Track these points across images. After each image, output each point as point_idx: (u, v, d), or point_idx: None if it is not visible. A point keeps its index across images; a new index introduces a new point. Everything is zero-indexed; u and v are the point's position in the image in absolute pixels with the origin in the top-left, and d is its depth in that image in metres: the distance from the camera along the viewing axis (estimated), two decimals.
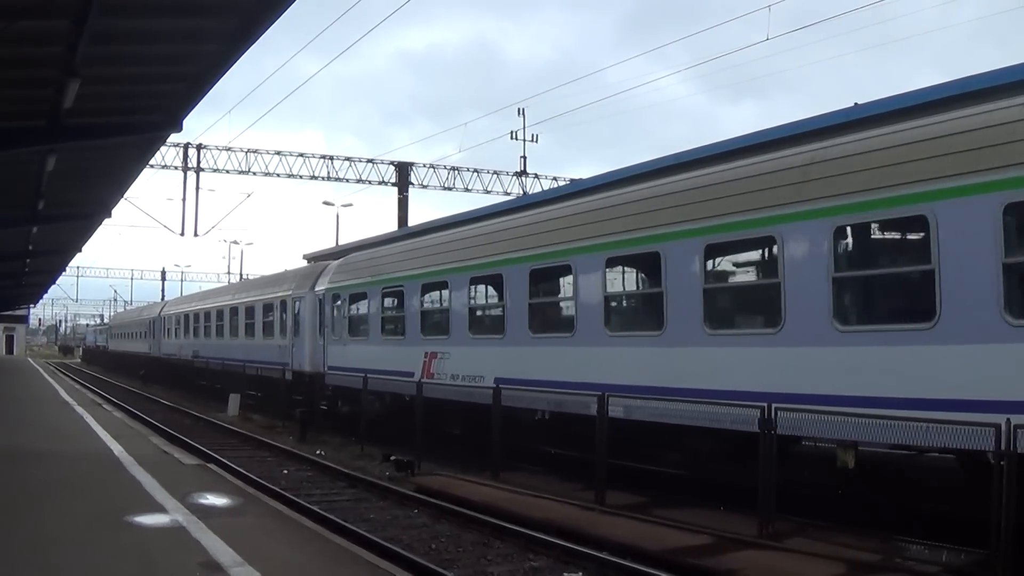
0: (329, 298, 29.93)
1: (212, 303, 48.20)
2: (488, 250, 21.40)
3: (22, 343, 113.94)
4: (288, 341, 34.16)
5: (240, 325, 41.79)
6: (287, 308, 34.48)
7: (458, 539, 14.38)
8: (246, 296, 41.76)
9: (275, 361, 34.83)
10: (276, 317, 36.03)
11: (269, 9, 13.91)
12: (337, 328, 29.34)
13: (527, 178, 53.42)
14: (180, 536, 11.07)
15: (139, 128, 20.40)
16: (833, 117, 18.50)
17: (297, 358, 33.02)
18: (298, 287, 33.60)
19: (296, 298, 33.46)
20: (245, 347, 40.18)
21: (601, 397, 16.10)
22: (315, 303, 31.59)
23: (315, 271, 33.15)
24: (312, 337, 31.75)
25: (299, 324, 33.09)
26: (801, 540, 12.73)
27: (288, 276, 37.13)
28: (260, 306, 38.61)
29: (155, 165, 45.11)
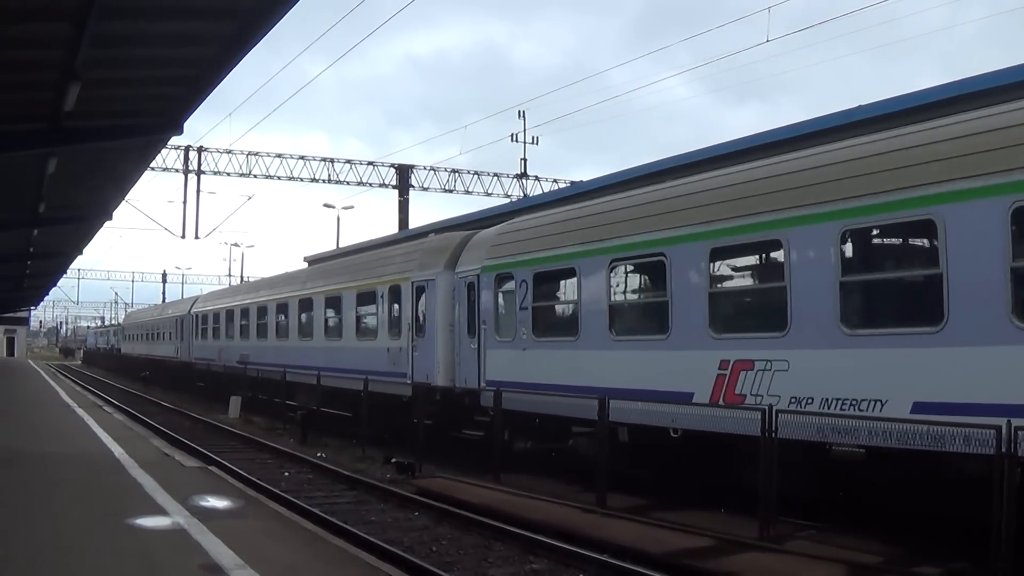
0: (488, 282, 21.19)
1: (270, 295, 37.97)
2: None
3: (23, 345, 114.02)
4: (405, 343, 24.78)
5: (318, 323, 32.11)
6: (402, 297, 25.30)
7: (459, 541, 14.38)
8: (329, 283, 31.42)
9: (378, 370, 25.95)
10: (382, 310, 26.74)
11: (269, 12, 13.91)
12: (508, 325, 20.55)
13: (528, 180, 53.41)
14: (181, 538, 11.07)
15: (140, 131, 20.41)
16: (836, 119, 18.51)
17: (422, 367, 23.85)
18: (423, 267, 24.40)
19: (420, 283, 24.25)
20: (327, 351, 30.44)
21: (602, 401, 16.13)
22: (453, 289, 22.82)
23: (449, 244, 24.08)
24: (448, 337, 22.86)
25: (423, 319, 24.07)
26: (802, 542, 12.73)
27: (401, 254, 27.13)
28: (352, 296, 28.93)
29: (156, 168, 45.11)
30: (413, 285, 24.58)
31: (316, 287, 32.55)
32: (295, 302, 34.34)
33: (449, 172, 53.52)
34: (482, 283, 21.44)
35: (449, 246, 23.99)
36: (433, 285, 23.62)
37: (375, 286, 27.16)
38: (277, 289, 37.51)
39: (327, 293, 31.24)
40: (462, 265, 22.54)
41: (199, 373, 48.05)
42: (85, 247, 46.27)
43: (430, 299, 23.77)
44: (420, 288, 24.29)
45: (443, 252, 23.99)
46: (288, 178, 51.11)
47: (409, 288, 24.79)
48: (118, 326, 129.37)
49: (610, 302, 17.57)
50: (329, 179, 51.88)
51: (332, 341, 30.44)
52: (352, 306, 28.96)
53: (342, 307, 29.85)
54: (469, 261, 22.31)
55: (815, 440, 12.92)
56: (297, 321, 34.13)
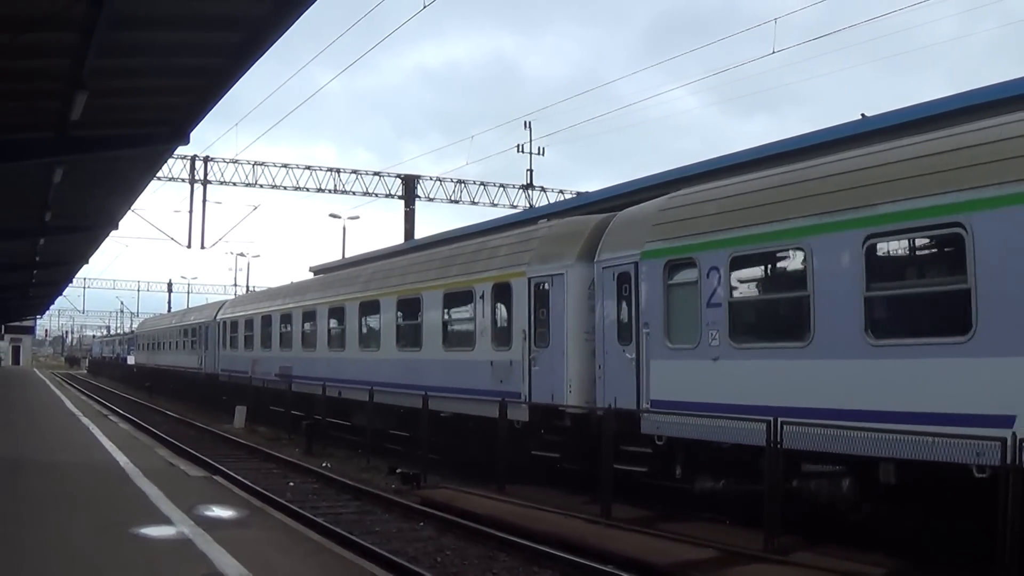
0: (653, 271, 16.57)
1: (320, 298, 32.73)
2: None
3: (28, 354, 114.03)
4: (517, 355, 20.15)
5: (387, 330, 27.09)
6: (513, 297, 20.61)
7: (464, 552, 14.38)
8: (402, 283, 26.52)
9: (476, 388, 21.34)
10: (481, 313, 21.89)
11: (276, 22, 13.96)
12: (686, 327, 15.92)
13: (533, 191, 53.45)
14: (186, 548, 11.06)
15: (146, 140, 20.44)
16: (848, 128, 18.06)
17: (544, 384, 19.29)
18: (545, 259, 19.81)
19: (541, 279, 19.72)
20: (400, 365, 25.62)
21: (608, 409, 16.13)
22: (589, 285, 18.48)
23: (581, 229, 19.56)
24: (582, 347, 18.51)
25: (547, 324, 19.46)
26: (807, 554, 12.70)
27: (507, 244, 22.19)
28: (436, 297, 24.18)
29: (162, 177, 45.09)
30: (530, 282, 19.88)
31: (384, 287, 27.45)
32: (354, 306, 29.14)
33: (455, 183, 53.59)
34: (642, 274, 16.76)
35: (581, 231, 19.41)
36: (561, 281, 19.06)
37: (471, 284, 22.39)
38: (330, 291, 32.23)
39: (400, 294, 26.16)
40: (606, 253, 17.86)
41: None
42: (91, 256, 46.27)
43: (556, 299, 19.13)
44: (541, 285, 19.65)
45: (574, 239, 19.33)
46: (294, 188, 51.13)
47: (524, 286, 20.09)
48: (126, 335, 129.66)
49: (866, 293, 12.93)
50: (335, 189, 51.91)
51: (407, 352, 25.40)
52: (437, 310, 24.06)
53: (422, 311, 24.79)
54: (617, 247, 17.61)
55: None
56: (358, 328, 28.97)
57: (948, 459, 11.26)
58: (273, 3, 13.43)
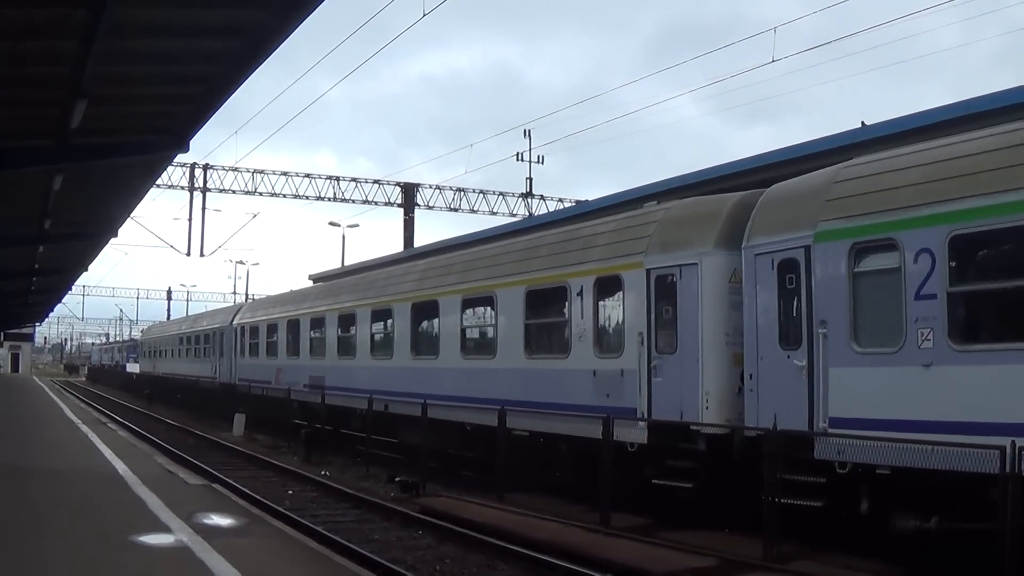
0: (832, 256, 13.54)
1: (360, 299, 28.88)
2: None
3: (27, 361, 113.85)
4: (633, 362, 16.71)
5: (448, 335, 23.27)
6: (625, 294, 17.31)
7: (463, 561, 14.34)
8: (468, 280, 22.85)
9: (574, 403, 17.97)
10: (581, 314, 18.33)
11: (276, 30, 13.98)
12: (883, 326, 12.93)
13: (533, 199, 53.49)
14: (185, 556, 11.04)
15: (146, 148, 20.46)
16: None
17: (669, 397, 16.00)
18: (669, 246, 16.52)
19: (665, 271, 16.40)
20: (467, 376, 22.17)
21: (608, 419, 16.16)
22: (730, 277, 15.62)
23: (717, 209, 16.39)
24: (722, 352, 15.54)
25: (674, 325, 16.13)
26: (806, 563, 12.72)
27: (610, 232, 18.59)
28: (516, 295, 20.44)
29: (161, 185, 45.10)
30: (650, 275, 16.56)
31: (443, 286, 23.82)
32: (404, 308, 25.62)
33: (454, 191, 53.62)
34: (816, 260, 13.65)
35: (717, 211, 16.20)
36: (694, 273, 15.83)
37: (563, 279, 18.94)
38: (372, 291, 28.47)
39: (466, 293, 22.65)
40: (760, 236, 14.68)
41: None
42: (90, 264, 46.38)
43: (687, 293, 15.89)
44: (665, 278, 16.35)
45: (709, 221, 16.12)
46: (294, 196, 51.16)
47: (640, 279, 16.79)
48: (125, 342, 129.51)
49: None
50: (335, 197, 51.93)
51: (475, 360, 22.22)
52: (518, 310, 20.40)
53: (497, 312, 21.27)
54: (775, 228, 14.45)
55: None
56: (409, 333, 25.41)
57: None
58: (272, 11, 13.45)
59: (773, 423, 13.69)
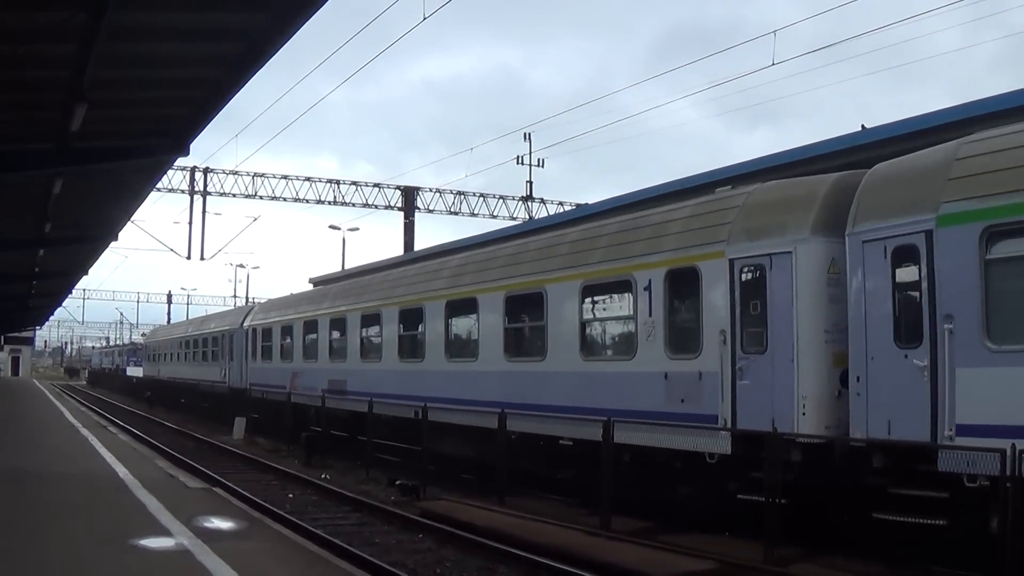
0: (962, 242, 12.01)
1: (386, 298, 26.96)
2: None
3: (28, 365, 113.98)
4: (713, 364, 15.10)
5: (489, 335, 21.44)
6: (702, 287, 15.56)
7: (463, 564, 14.34)
8: (514, 275, 20.90)
9: (641, 409, 16.33)
10: (648, 310, 16.71)
11: (276, 35, 14.00)
12: (1015, 321, 11.76)
13: (533, 203, 53.51)
14: (185, 560, 11.04)
15: (146, 152, 20.47)
16: None
17: (757, 403, 14.34)
18: (755, 233, 14.85)
19: (752, 261, 14.84)
20: (513, 379, 20.33)
21: (607, 423, 16.17)
22: (828, 267, 14.01)
23: (812, 192, 14.66)
24: (817, 350, 13.88)
25: (765, 321, 14.44)
26: (807, 565, 12.73)
27: (682, 219, 16.83)
28: (571, 289, 18.74)
29: (162, 188, 45.17)
30: (733, 265, 14.89)
31: (483, 282, 21.92)
32: (437, 307, 23.70)
33: (455, 194, 53.65)
34: (940, 246, 12.12)
35: (813, 194, 14.52)
36: (787, 263, 14.11)
37: (627, 272, 17.18)
38: (400, 289, 26.54)
39: (511, 289, 20.73)
40: (868, 221, 13.08)
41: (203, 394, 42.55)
42: (90, 267, 46.36)
43: (779, 286, 14.19)
44: (752, 270, 14.78)
45: (803, 205, 14.45)
46: (294, 199, 51.20)
47: (721, 271, 15.08)
48: (125, 346, 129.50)
49: None
50: (335, 201, 51.95)
51: (522, 363, 20.40)
52: (573, 307, 18.64)
53: (548, 309, 19.34)
54: (887, 212, 12.87)
55: None
56: (444, 334, 23.64)
57: None
58: (272, 15, 13.47)
59: (888, 430, 12.38)
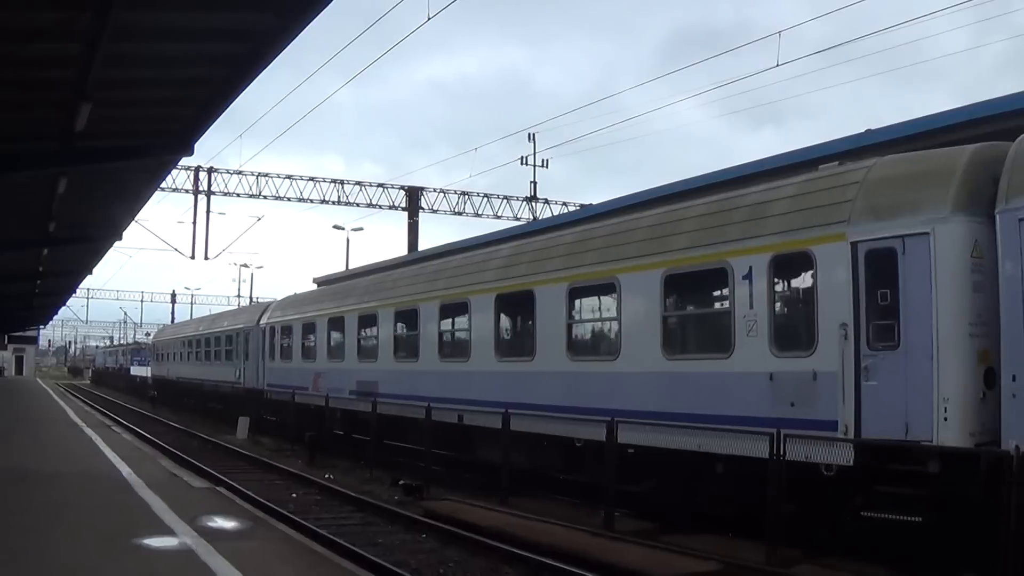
0: None
1: (424, 292, 24.83)
2: None
3: (31, 364, 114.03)
4: (831, 363, 13.15)
5: (548, 331, 19.26)
6: (818, 275, 13.68)
7: (466, 564, 14.33)
8: (581, 263, 18.73)
9: (735, 414, 14.56)
10: (746, 300, 14.68)
11: (281, 35, 14.00)
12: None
13: (537, 203, 53.50)
14: (189, 559, 11.03)
15: (150, 151, 20.50)
16: None
17: (888, 405, 12.49)
18: (883, 211, 12.97)
19: (880, 245, 12.81)
20: (574, 380, 18.35)
21: (610, 423, 16.13)
22: (971, 250, 12.31)
23: (953, 164, 12.76)
24: (961, 345, 12.19)
25: (894, 311, 12.60)
26: (809, 567, 12.69)
27: (787, 198, 14.74)
28: (650, 281, 16.63)
29: (166, 188, 45.18)
30: (857, 249, 12.95)
31: (540, 273, 19.76)
32: (486, 300, 21.41)
33: (459, 194, 53.66)
34: None
35: (950, 167, 12.69)
36: (923, 246, 12.32)
37: (724, 259, 15.08)
38: (440, 282, 24.21)
39: (575, 280, 18.68)
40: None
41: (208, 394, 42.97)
42: (94, 267, 46.45)
43: (914, 271, 12.35)
44: (882, 253, 12.73)
45: (940, 179, 12.66)
46: (298, 199, 51.19)
47: (841, 255, 13.18)
48: (129, 345, 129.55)
49: None
50: (339, 200, 51.95)
51: (588, 363, 18.59)
52: (652, 299, 16.51)
53: (621, 302, 17.36)
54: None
55: None
56: (493, 331, 21.38)
57: None
58: (277, 15, 13.47)
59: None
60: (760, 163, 22.39)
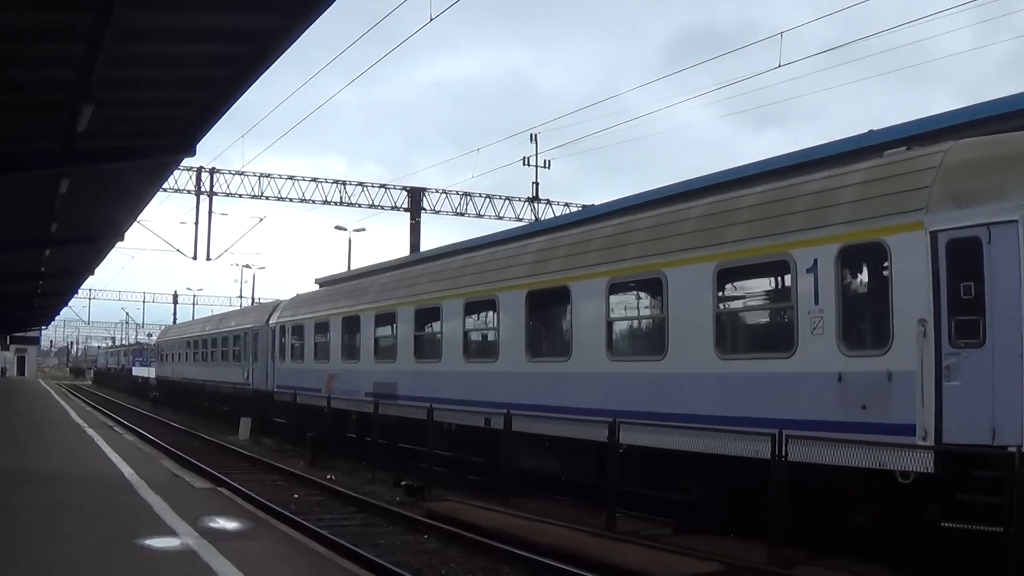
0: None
1: (449, 289, 23.47)
2: None
3: (33, 365, 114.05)
4: (911, 362, 12.15)
5: (587, 331, 18.15)
6: (893, 265, 12.76)
7: (468, 565, 14.34)
8: (622, 256, 17.64)
9: (798, 418, 13.52)
10: (811, 295, 13.68)
11: (284, 36, 13.99)
12: None
13: (539, 204, 53.49)
14: (191, 560, 11.03)
15: (152, 152, 20.50)
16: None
17: (972, 407, 11.57)
18: (970, 197, 11.95)
19: (962, 233, 11.90)
20: (619, 381, 17.29)
21: (612, 423, 16.11)
22: None
23: None
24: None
25: (979, 307, 11.66)
26: (812, 568, 12.67)
27: (860, 183, 13.66)
28: (705, 273, 15.45)
29: (168, 189, 45.23)
30: (937, 239, 12.07)
31: (576, 267, 18.67)
32: (515, 298, 20.15)
33: (461, 195, 53.67)
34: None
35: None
36: (1013, 234, 11.52)
37: (786, 251, 14.03)
38: (465, 279, 22.80)
39: (615, 275, 17.62)
40: None
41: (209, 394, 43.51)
42: (96, 267, 46.44)
43: (1002, 263, 11.55)
44: (965, 244, 11.81)
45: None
46: (300, 200, 51.21)
47: (919, 246, 12.23)
48: (131, 346, 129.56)
49: None
50: (341, 201, 51.98)
51: (633, 363, 17.47)
52: (704, 294, 15.33)
53: (668, 298, 16.14)
54: None
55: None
56: (525, 330, 20.03)
57: None
58: (280, 16, 13.47)
59: None
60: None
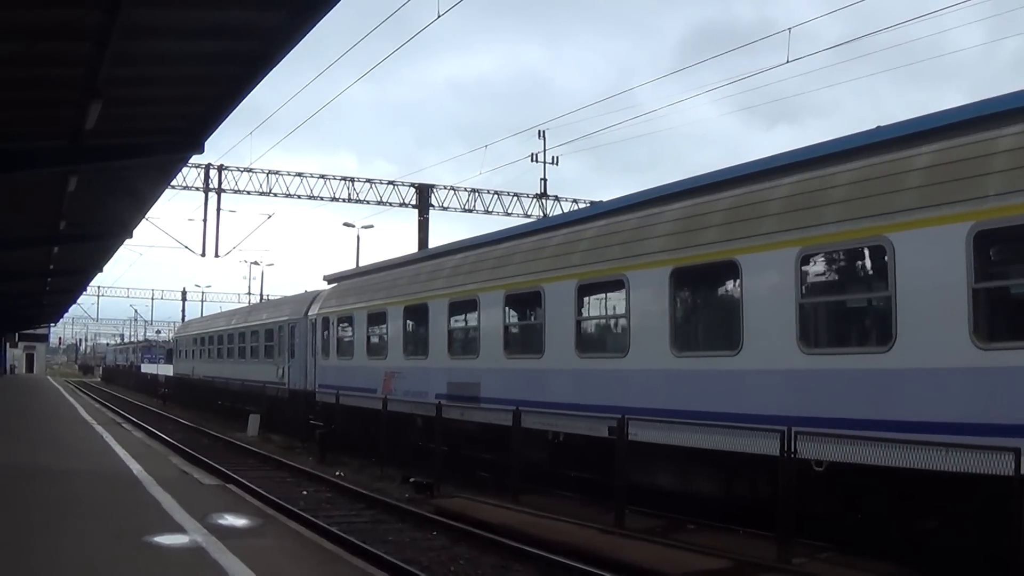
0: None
1: (550, 270, 19.23)
2: None
3: (42, 362, 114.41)
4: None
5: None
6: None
7: (477, 562, 14.32)
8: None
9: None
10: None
11: (292, 32, 14.00)
12: None
13: (548, 200, 53.41)
14: (199, 556, 11.03)
15: (160, 149, 20.51)
16: None
17: None
18: None
19: None
20: (801, 379, 13.67)
21: (620, 419, 16.07)
22: None
23: None
24: None
25: None
26: (821, 564, 12.64)
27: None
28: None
29: (176, 186, 45.24)
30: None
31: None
32: (658, 277, 16.14)
33: (469, 192, 53.60)
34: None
35: None
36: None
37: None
38: (576, 255, 18.62)
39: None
40: None
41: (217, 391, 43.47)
42: (105, 264, 46.58)
43: None
44: None
45: None
46: (308, 197, 51.17)
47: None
48: (141, 342, 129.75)
49: None
50: (349, 198, 51.88)
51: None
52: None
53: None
54: None
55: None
56: (669, 316, 16.05)
57: None
58: (288, 13, 13.47)
59: None
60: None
